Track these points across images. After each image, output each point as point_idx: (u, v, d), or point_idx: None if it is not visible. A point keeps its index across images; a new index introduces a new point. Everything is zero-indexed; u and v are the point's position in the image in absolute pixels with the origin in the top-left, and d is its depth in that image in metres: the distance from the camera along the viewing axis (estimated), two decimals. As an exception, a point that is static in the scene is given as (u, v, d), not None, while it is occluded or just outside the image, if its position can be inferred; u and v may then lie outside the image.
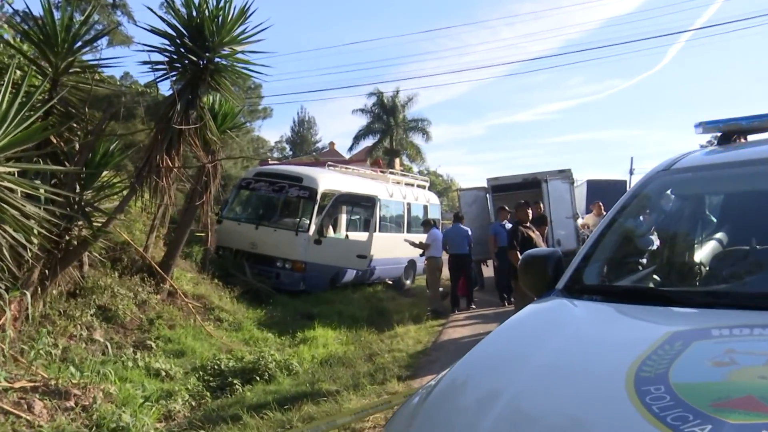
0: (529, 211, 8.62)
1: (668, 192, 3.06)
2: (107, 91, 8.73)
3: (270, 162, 29.90)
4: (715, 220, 3.11)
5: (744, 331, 1.88)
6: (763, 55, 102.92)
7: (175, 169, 7.76)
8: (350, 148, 45.84)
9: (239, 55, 8.01)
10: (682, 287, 2.59)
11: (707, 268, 2.71)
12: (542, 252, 3.07)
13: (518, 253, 7.91)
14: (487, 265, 16.32)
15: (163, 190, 7.71)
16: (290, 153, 58.54)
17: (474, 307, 13.03)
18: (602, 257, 2.75)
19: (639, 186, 3.02)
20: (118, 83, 16.21)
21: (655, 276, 2.69)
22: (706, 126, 3.38)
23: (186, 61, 7.76)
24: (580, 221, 14.99)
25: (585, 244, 2.82)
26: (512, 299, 12.94)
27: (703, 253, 2.84)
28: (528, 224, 8.46)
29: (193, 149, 8.10)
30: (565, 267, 2.75)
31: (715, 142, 3.50)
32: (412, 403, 2.03)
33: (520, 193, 14.77)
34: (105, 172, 7.71)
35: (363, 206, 14.41)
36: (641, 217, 3.04)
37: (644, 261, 2.86)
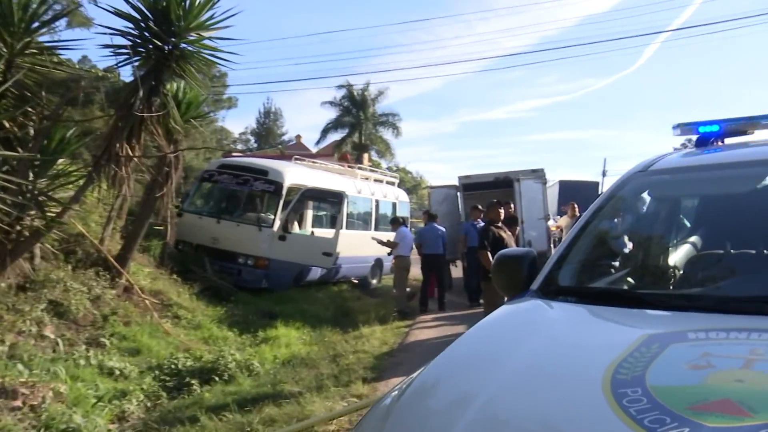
0: (501, 211, 8.66)
1: (645, 194, 3.11)
2: (65, 74, 8.54)
3: (234, 154, 29.69)
4: (690, 223, 3.18)
5: (720, 334, 1.93)
6: (740, 57, 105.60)
7: (135, 159, 7.65)
8: (317, 142, 45.80)
9: (206, 42, 7.93)
10: (657, 290, 2.63)
11: (682, 271, 2.77)
12: (516, 252, 3.11)
13: (489, 253, 7.96)
14: (456, 266, 16.42)
15: (122, 180, 7.59)
16: (255, 145, 58.12)
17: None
18: (577, 258, 2.79)
19: (615, 187, 3.07)
20: (77, 67, 15.91)
21: (629, 278, 2.74)
22: (684, 128, 3.45)
23: (150, 46, 7.66)
24: (551, 223, 15.16)
25: (560, 245, 2.86)
26: (481, 300, 13.06)
27: (678, 255, 2.90)
28: (500, 224, 8.51)
29: (155, 138, 7.99)
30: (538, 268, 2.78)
31: (689, 144, 3.58)
32: (384, 404, 2.03)
33: (492, 192, 14.89)
34: (61, 160, 7.57)
35: (330, 202, 14.37)
36: (617, 219, 3.09)
37: (619, 263, 2.91)
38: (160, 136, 8.00)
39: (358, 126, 43.95)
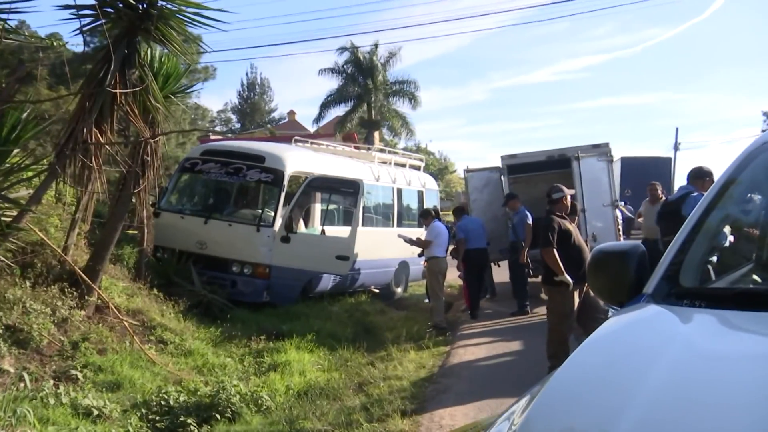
0: (567, 201, 8.60)
1: None
2: (15, 44, 8.58)
3: (212, 137, 29.67)
4: None
5: None
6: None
7: (107, 146, 7.67)
8: (316, 119, 45.90)
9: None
10: None
11: None
12: (621, 247, 3.06)
13: (556, 251, 7.94)
14: (499, 266, 16.41)
15: (92, 173, 7.60)
16: (238, 125, 58.37)
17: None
18: (701, 254, 2.76)
19: (740, 162, 3.02)
20: (26, 35, 15.98)
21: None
22: None
23: (120, 5, 7.67)
24: (619, 212, 14.99)
25: (677, 237, 2.81)
26: (526, 308, 13.14)
27: None
28: (563, 214, 8.48)
29: (130, 119, 8.00)
30: None
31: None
32: None
33: (544, 175, 14.84)
34: (15, 151, 7.60)
35: (343, 193, 14.36)
36: (747, 202, 3.05)
37: (756, 257, 2.87)
38: (137, 117, 8.00)
39: (366, 97, 43.89)
